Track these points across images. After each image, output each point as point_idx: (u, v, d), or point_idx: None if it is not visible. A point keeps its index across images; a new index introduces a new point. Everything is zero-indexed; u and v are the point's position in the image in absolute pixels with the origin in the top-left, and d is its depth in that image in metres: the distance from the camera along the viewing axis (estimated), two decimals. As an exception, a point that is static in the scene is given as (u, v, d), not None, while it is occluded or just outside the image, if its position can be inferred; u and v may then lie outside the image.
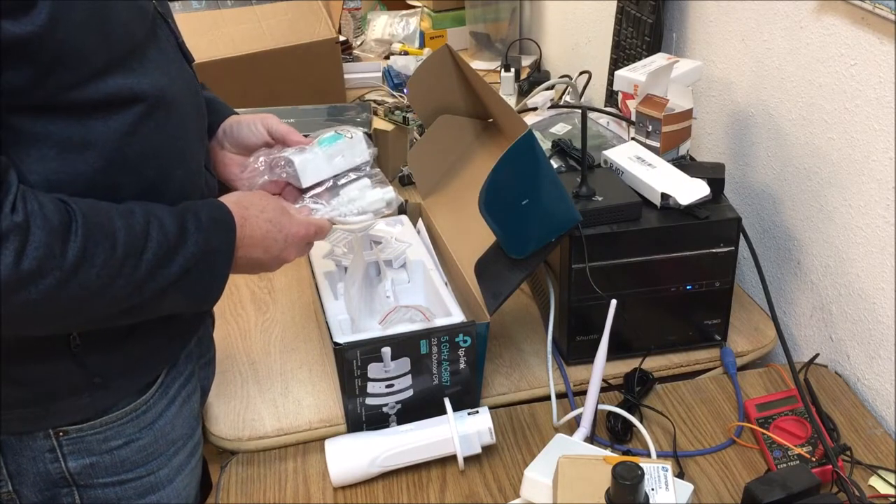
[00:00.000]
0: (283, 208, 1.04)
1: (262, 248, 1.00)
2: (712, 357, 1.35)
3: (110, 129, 0.88)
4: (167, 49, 0.97)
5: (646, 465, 0.92)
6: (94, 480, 1.03)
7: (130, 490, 1.05)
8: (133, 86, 0.89)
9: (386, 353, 1.13)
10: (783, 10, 1.35)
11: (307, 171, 1.10)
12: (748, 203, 1.52)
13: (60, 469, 1.00)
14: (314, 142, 1.13)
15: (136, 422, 1.03)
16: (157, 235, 0.88)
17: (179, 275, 0.90)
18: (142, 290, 0.87)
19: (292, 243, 1.04)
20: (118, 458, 1.03)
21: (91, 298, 0.84)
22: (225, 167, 1.16)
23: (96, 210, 0.85)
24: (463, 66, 1.31)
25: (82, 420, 0.98)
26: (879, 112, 1.18)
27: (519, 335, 1.40)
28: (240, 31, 1.96)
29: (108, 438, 1.01)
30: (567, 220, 1.17)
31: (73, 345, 0.93)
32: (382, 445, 1.14)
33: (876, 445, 1.19)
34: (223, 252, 0.95)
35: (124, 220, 0.86)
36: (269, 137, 1.14)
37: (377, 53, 2.49)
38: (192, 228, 0.92)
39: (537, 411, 1.26)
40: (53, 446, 0.99)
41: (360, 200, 1.12)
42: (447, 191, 1.43)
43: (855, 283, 1.28)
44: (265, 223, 1.00)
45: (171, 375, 1.07)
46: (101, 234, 0.83)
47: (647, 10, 1.69)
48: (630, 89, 1.51)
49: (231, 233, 0.96)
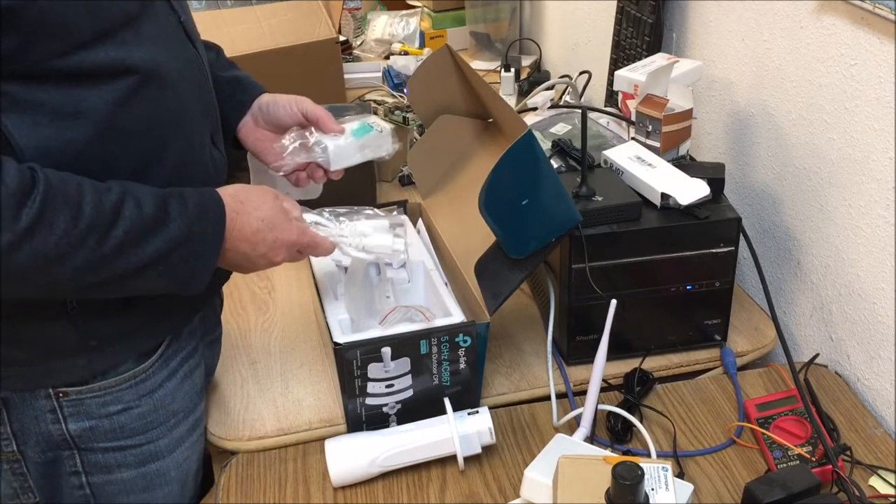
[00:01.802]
0: (280, 209, 1.05)
1: (249, 244, 1.01)
2: (712, 357, 1.35)
3: (101, 99, 0.91)
4: (165, 25, 0.99)
5: (646, 465, 0.92)
6: (94, 444, 1.06)
7: (130, 457, 1.08)
8: (125, 58, 0.91)
9: (386, 353, 1.13)
10: (783, 10, 1.35)
11: (339, 158, 1.19)
12: (748, 203, 1.52)
13: (61, 430, 1.04)
14: (347, 130, 1.20)
15: (134, 389, 1.06)
16: (131, 214, 0.90)
17: (157, 256, 0.92)
18: (111, 266, 0.89)
19: (281, 246, 1.05)
20: (117, 424, 1.06)
21: (50, 265, 0.86)
22: (257, 141, 1.22)
23: (66, 182, 0.87)
24: (463, 66, 1.31)
25: (80, 381, 1.02)
26: (879, 112, 1.18)
27: (519, 335, 1.40)
28: (240, 31, 1.96)
29: (106, 403, 1.04)
30: (567, 220, 1.17)
31: (70, 308, 0.97)
32: (382, 445, 1.14)
33: (876, 445, 1.19)
34: (209, 240, 0.97)
35: (96, 195, 0.88)
36: (303, 119, 1.20)
37: (377, 53, 2.49)
38: (175, 213, 0.93)
39: (537, 411, 1.26)
40: (54, 407, 1.02)
41: (369, 239, 1.15)
42: (447, 191, 1.43)
43: (855, 283, 1.28)
44: (257, 221, 1.01)
45: (173, 348, 1.10)
46: (64, 204, 0.85)
47: (647, 10, 1.69)
48: (630, 89, 1.51)
49: (220, 223, 0.98)
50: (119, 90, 0.91)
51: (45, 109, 0.88)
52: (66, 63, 0.87)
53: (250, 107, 1.21)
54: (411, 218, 1.45)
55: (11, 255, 0.83)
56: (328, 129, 1.18)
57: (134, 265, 0.90)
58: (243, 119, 1.22)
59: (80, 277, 0.88)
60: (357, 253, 1.15)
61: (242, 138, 1.23)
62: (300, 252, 1.08)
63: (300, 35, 1.94)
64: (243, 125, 1.22)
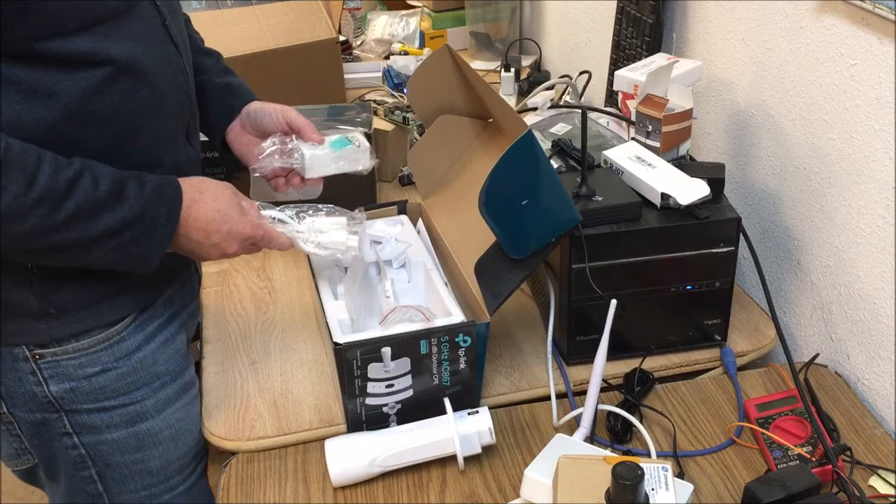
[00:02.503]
0: (237, 205, 1.10)
1: (203, 233, 1.06)
2: (712, 357, 1.35)
3: (75, 84, 0.96)
4: (149, 25, 1.05)
5: (646, 465, 0.92)
6: (77, 406, 1.12)
7: (116, 417, 1.14)
8: (102, 50, 0.97)
9: (386, 353, 1.13)
10: (783, 10, 1.35)
11: (314, 166, 1.26)
12: (748, 203, 1.52)
13: (45, 392, 1.10)
14: (326, 141, 1.26)
15: (109, 351, 1.11)
16: (86, 189, 0.95)
17: (107, 232, 0.97)
18: (61, 235, 0.95)
19: (234, 238, 1.10)
20: (97, 385, 1.12)
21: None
22: (242, 145, 1.29)
23: (27, 151, 0.92)
24: (463, 66, 1.31)
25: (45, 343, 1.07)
26: (879, 112, 1.18)
27: (519, 335, 1.40)
28: (240, 31, 1.96)
29: (83, 365, 1.10)
30: (567, 220, 1.17)
31: (31, 273, 1.03)
32: (382, 445, 1.14)
33: (876, 445, 1.19)
34: (163, 224, 1.02)
35: (54, 167, 0.93)
36: (287, 127, 1.26)
37: (377, 53, 2.49)
38: (132, 194, 0.99)
39: (537, 411, 1.26)
40: (34, 369, 1.08)
41: (324, 235, 1.19)
42: (447, 191, 1.43)
43: (855, 283, 1.28)
44: (213, 212, 1.07)
45: (147, 314, 1.15)
46: (19, 170, 0.91)
47: (647, 10, 1.69)
48: (630, 89, 1.51)
49: (175, 208, 1.03)
50: (94, 78, 0.97)
51: (19, 87, 0.93)
52: (45, 47, 0.92)
53: (239, 112, 1.28)
54: (411, 218, 1.45)
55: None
56: (308, 138, 1.25)
57: (83, 237, 0.96)
58: (232, 124, 1.28)
59: (27, 241, 0.94)
60: (313, 249, 1.19)
61: (230, 141, 1.29)
62: (254, 245, 1.13)
63: (300, 35, 1.94)
64: (231, 129, 1.28)
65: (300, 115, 1.27)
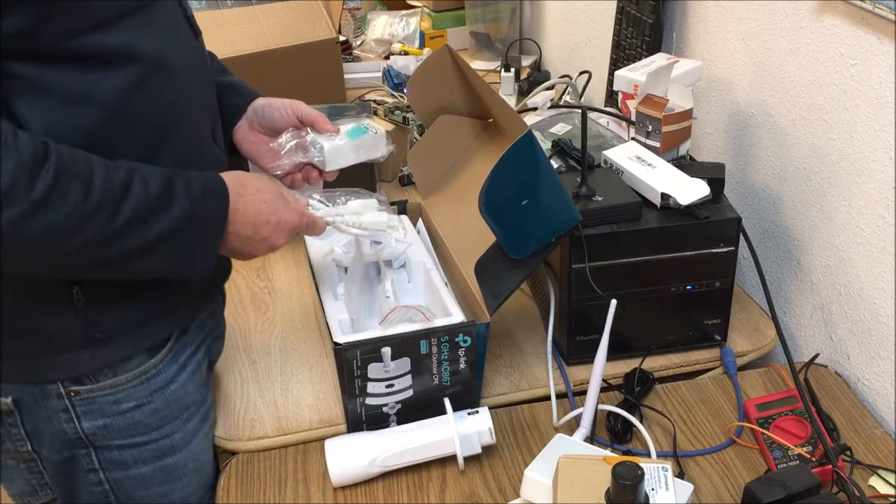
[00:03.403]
0: (279, 193, 1.06)
1: (252, 227, 1.01)
2: (712, 357, 1.35)
3: (111, 84, 0.91)
4: (173, 17, 1.00)
5: (646, 465, 0.92)
6: (109, 442, 1.06)
7: (146, 452, 1.09)
8: (134, 44, 0.92)
9: (386, 353, 1.13)
10: (783, 10, 1.35)
11: (334, 158, 1.20)
12: (748, 203, 1.52)
13: (76, 429, 1.04)
14: (342, 131, 1.21)
15: (145, 385, 1.06)
16: (139, 191, 0.90)
17: (162, 235, 0.91)
18: (119, 243, 0.89)
19: (283, 228, 1.05)
20: (131, 421, 1.06)
21: (60, 239, 0.85)
22: (252, 144, 1.22)
23: (76, 156, 0.87)
24: (463, 66, 1.31)
25: (85, 376, 1.01)
26: (879, 112, 1.18)
27: (519, 335, 1.40)
28: (240, 31, 1.95)
29: (119, 401, 1.04)
30: (567, 220, 1.17)
31: (76, 298, 0.96)
32: (382, 445, 1.14)
33: (876, 445, 1.19)
34: (213, 222, 0.97)
35: (105, 170, 0.88)
36: (298, 121, 1.21)
37: (377, 53, 2.49)
38: (181, 193, 0.93)
39: (537, 411, 1.26)
40: (67, 406, 1.02)
41: (364, 217, 1.17)
42: (447, 191, 1.43)
43: (855, 283, 1.28)
44: (260, 203, 1.02)
45: (181, 342, 1.10)
46: (75, 176, 0.85)
47: (647, 10, 1.69)
48: (630, 89, 1.51)
49: (224, 205, 0.98)
50: (128, 77, 0.92)
51: (55, 93, 0.88)
52: (78, 44, 0.88)
53: (245, 110, 1.22)
54: (411, 218, 1.45)
55: (24, 225, 0.82)
56: (323, 129, 1.20)
57: (140, 244, 0.90)
58: (238, 123, 1.22)
59: (88, 253, 0.88)
60: (356, 230, 1.16)
61: (238, 142, 1.24)
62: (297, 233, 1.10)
63: (300, 35, 1.94)
64: (238, 129, 1.23)
65: (311, 108, 1.22)
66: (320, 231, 1.13)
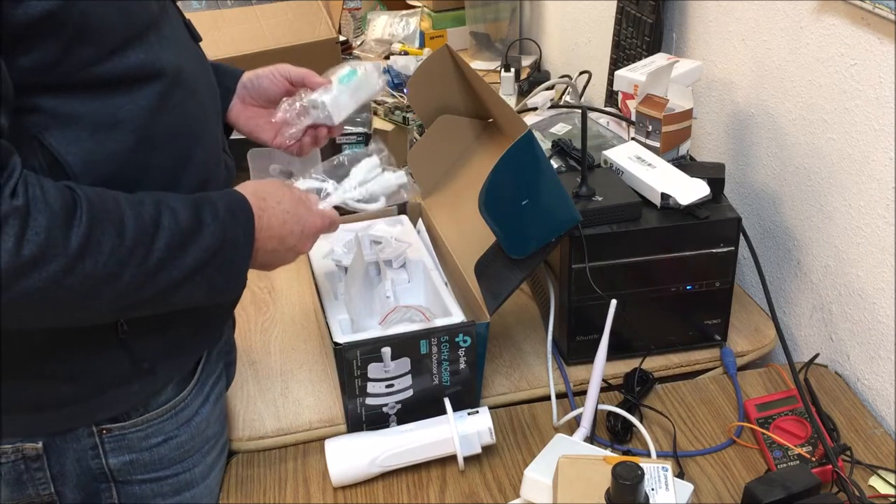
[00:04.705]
0: (299, 198, 1.03)
1: (278, 239, 0.99)
2: (712, 357, 1.35)
3: (137, 105, 0.89)
4: (177, 26, 0.99)
5: (646, 465, 0.92)
6: (132, 477, 1.04)
7: (166, 486, 1.07)
8: (154, 61, 0.90)
9: (386, 353, 1.13)
10: (783, 10, 1.35)
11: (338, 108, 1.17)
12: (748, 203, 1.52)
13: (101, 465, 1.02)
14: (333, 80, 1.18)
15: (175, 419, 1.04)
16: (170, 224, 0.87)
17: (196, 266, 0.89)
18: (155, 281, 0.86)
19: (309, 235, 1.03)
20: (157, 456, 1.04)
21: (100, 287, 0.83)
22: (250, 119, 1.20)
23: (103, 197, 0.84)
24: (463, 66, 1.31)
25: (131, 411, 1.00)
26: (879, 112, 1.18)
27: (519, 335, 1.40)
28: (240, 31, 1.95)
29: (148, 436, 1.03)
30: (567, 220, 1.17)
31: (121, 332, 0.94)
32: (382, 445, 1.14)
33: (876, 445, 1.19)
34: (242, 243, 0.94)
35: (133, 208, 0.85)
36: (289, 84, 1.18)
37: (377, 53, 2.49)
38: (209, 219, 0.91)
39: (537, 411, 1.26)
40: (96, 444, 1.00)
41: (372, 184, 1.12)
42: (447, 191, 1.43)
43: (855, 283, 1.28)
44: (282, 213, 0.99)
45: (206, 372, 1.09)
46: (108, 220, 0.83)
47: (647, 10, 1.69)
48: (630, 89, 1.51)
49: (250, 223, 0.95)
50: (152, 95, 0.90)
51: (84, 122, 0.86)
52: (101, 70, 0.85)
53: (235, 90, 1.19)
54: (411, 218, 1.45)
55: (64, 280, 0.80)
56: (316, 84, 1.17)
57: (175, 278, 0.88)
58: (231, 103, 1.20)
59: (127, 296, 0.85)
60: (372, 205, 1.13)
61: (233, 121, 1.21)
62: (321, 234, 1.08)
63: (300, 35, 1.94)
64: (232, 108, 1.20)
65: (297, 67, 1.18)
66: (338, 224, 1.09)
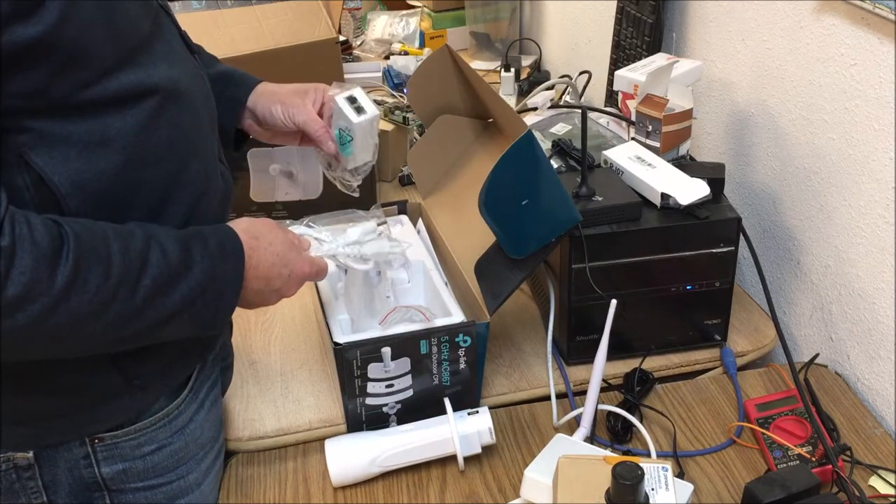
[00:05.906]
0: (290, 242, 1.04)
1: (265, 281, 0.99)
2: (712, 357, 1.35)
3: (127, 124, 0.88)
4: (172, 41, 0.97)
5: (646, 465, 0.92)
6: (125, 485, 1.04)
7: (160, 494, 1.06)
8: (144, 80, 0.89)
9: (386, 353, 1.13)
10: (783, 10, 1.35)
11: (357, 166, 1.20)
12: (748, 203, 1.52)
13: (94, 474, 1.01)
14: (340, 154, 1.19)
15: (168, 427, 1.04)
16: (158, 261, 0.87)
17: (183, 303, 0.89)
18: (141, 317, 0.86)
19: (296, 280, 1.03)
20: (150, 464, 1.04)
21: (84, 325, 0.83)
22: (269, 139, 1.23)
23: (91, 232, 0.84)
24: (463, 66, 1.31)
25: (123, 423, 0.99)
26: (879, 112, 1.18)
27: (519, 335, 1.40)
28: (240, 31, 1.95)
29: (141, 444, 1.02)
30: (567, 220, 1.17)
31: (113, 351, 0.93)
32: (382, 445, 1.14)
33: (876, 445, 1.19)
34: (230, 281, 0.94)
35: (121, 242, 0.85)
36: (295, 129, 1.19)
37: (377, 53, 2.49)
38: (198, 256, 0.91)
39: (537, 411, 1.26)
40: (88, 453, 1.00)
41: (366, 246, 1.15)
42: (447, 191, 1.43)
43: (855, 283, 1.28)
44: (272, 256, 1.00)
45: (200, 379, 1.08)
46: (94, 258, 0.82)
47: (647, 10, 1.69)
48: (630, 89, 1.51)
49: (240, 262, 0.95)
50: (143, 113, 0.89)
51: (73, 141, 0.85)
52: (92, 92, 0.85)
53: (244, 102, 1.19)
54: (411, 218, 1.45)
55: (48, 319, 0.80)
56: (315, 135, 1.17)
57: (162, 314, 0.88)
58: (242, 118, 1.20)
59: (112, 332, 0.86)
60: (360, 265, 1.15)
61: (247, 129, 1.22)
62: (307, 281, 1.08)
63: (300, 35, 1.94)
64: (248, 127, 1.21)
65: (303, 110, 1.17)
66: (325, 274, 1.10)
